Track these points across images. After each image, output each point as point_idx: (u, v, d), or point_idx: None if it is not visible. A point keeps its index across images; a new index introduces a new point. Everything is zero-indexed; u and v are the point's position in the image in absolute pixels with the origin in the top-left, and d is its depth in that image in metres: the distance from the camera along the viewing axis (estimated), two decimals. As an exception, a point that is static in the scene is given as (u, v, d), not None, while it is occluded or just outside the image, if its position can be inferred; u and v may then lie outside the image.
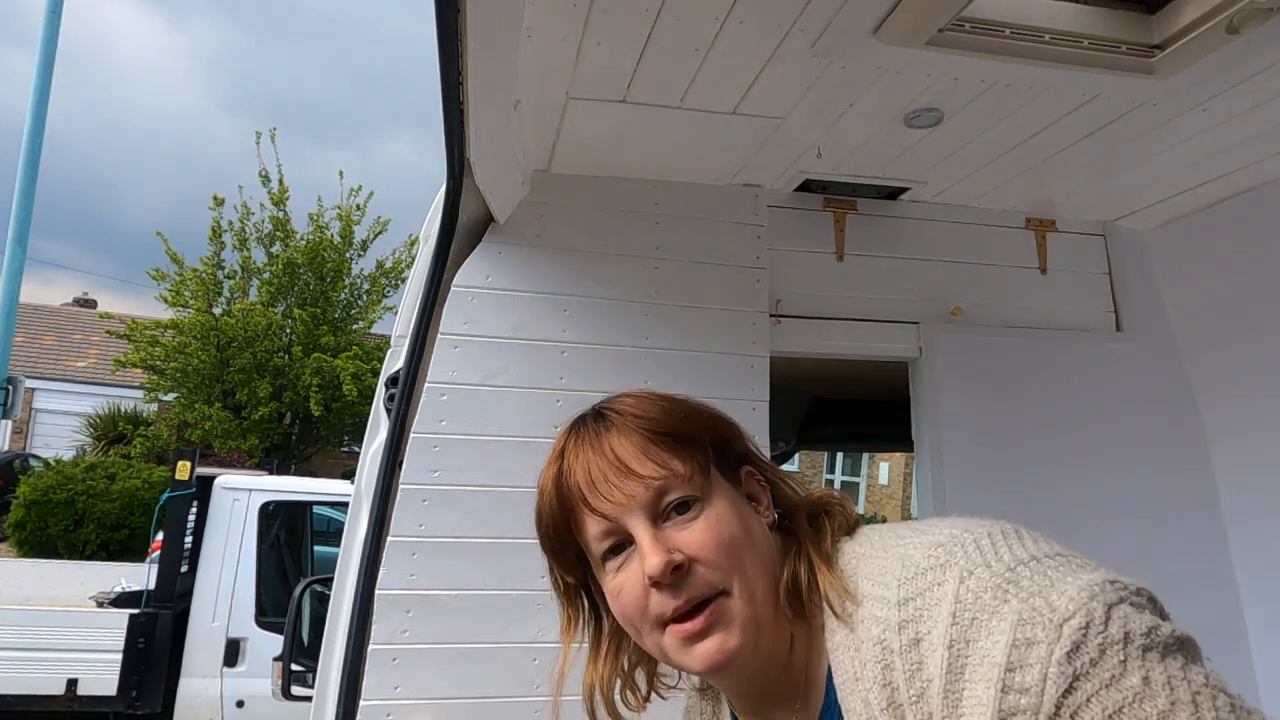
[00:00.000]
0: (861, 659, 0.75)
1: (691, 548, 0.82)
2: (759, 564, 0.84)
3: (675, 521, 0.83)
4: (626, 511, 0.83)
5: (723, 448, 0.91)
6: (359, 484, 1.89)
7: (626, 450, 0.85)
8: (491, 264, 1.92)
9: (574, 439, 0.90)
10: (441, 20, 1.20)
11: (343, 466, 15.48)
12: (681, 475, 0.84)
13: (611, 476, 0.84)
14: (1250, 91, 1.62)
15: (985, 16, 1.45)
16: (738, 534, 0.84)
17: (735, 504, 0.87)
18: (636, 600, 0.83)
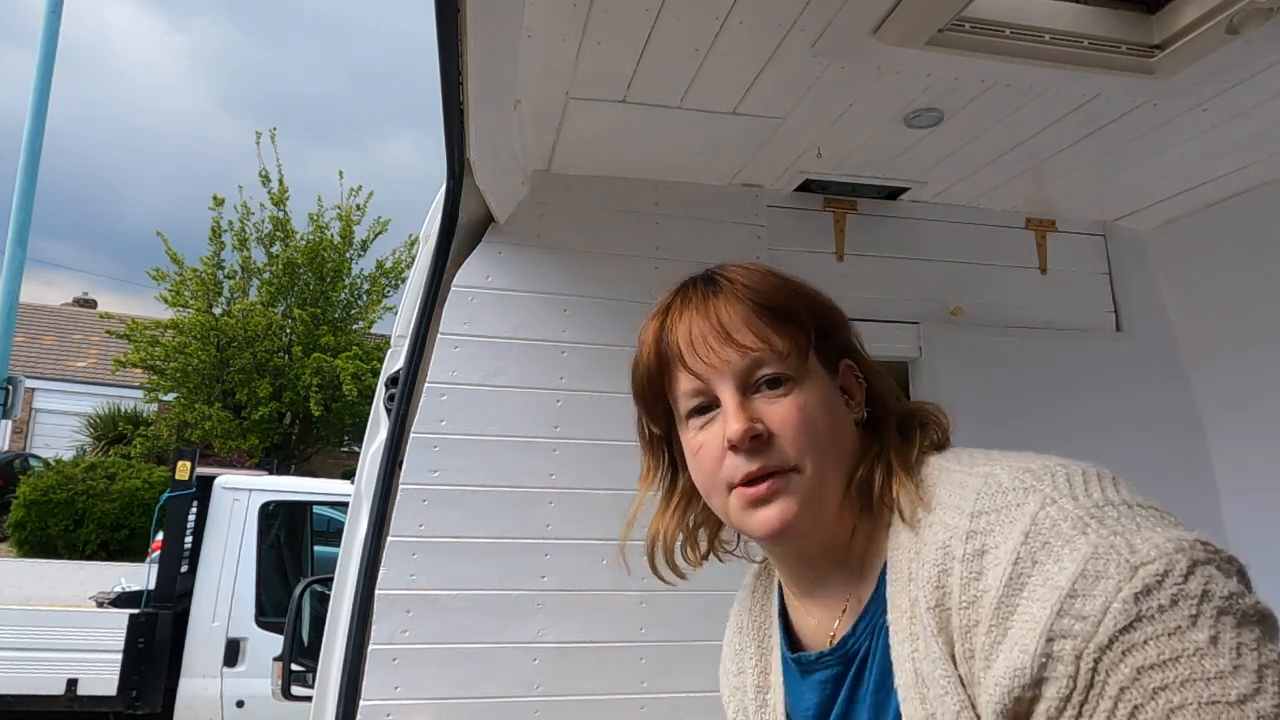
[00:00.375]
0: (920, 560, 0.76)
1: (774, 422, 0.84)
2: (836, 453, 0.85)
3: (764, 394, 0.85)
4: (719, 375, 0.85)
5: (826, 335, 0.91)
6: (359, 484, 1.89)
7: (730, 317, 0.87)
8: (491, 264, 1.92)
9: (680, 298, 0.92)
10: (441, 20, 1.20)
11: (343, 466, 15.48)
12: (779, 351, 0.85)
13: (711, 339, 0.86)
14: (1250, 91, 1.62)
15: (985, 16, 1.45)
16: (821, 420, 0.85)
17: (825, 392, 0.87)
18: (713, 461, 0.86)
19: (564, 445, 1.88)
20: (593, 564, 1.83)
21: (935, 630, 0.72)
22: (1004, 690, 0.65)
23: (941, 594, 0.73)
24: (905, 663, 0.76)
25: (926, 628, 0.73)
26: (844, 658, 0.86)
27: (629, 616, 1.85)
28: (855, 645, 0.85)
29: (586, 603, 1.84)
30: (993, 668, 0.67)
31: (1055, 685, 0.63)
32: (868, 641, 0.83)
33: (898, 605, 0.79)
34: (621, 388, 2.14)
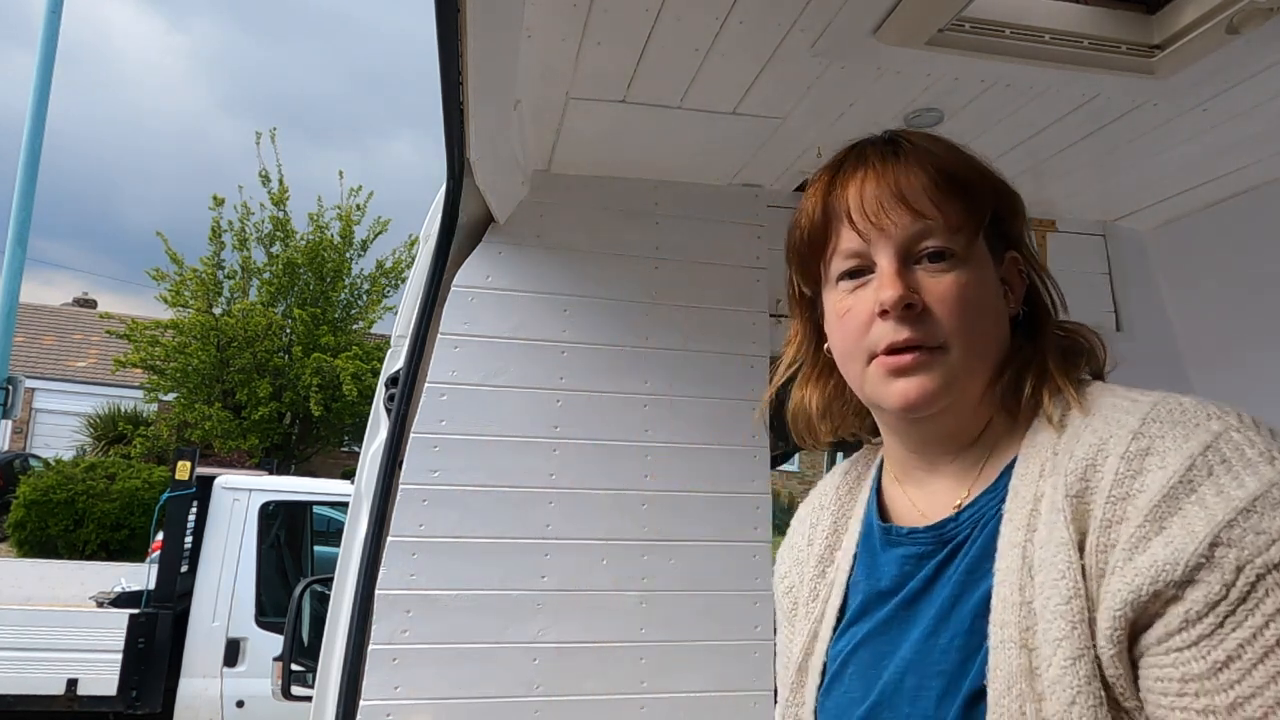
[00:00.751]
0: (1064, 455, 0.74)
1: (931, 296, 0.80)
2: (987, 342, 0.82)
3: (926, 267, 0.81)
4: (883, 239, 0.82)
5: (1000, 220, 0.87)
6: (359, 484, 1.89)
7: (907, 181, 0.83)
8: (491, 264, 1.92)
9: (854, 156, 0.87)
10: (441, 20, 1.20)
11: (343, 466, 15.48)
12: (951, 224, 0.82)
13: (884, 200, 0.82)
14: (1250, 91, 1.62)
15: (985, 16, 1.45)
16: (978, 304, 0.81)
17: (987, 278, 0.84)
18: (859, 326, 0.83)
19: (564, 445, 1.88)
20: (593, 564, 1.84)
21: (1069, 518, 0.70)
22: (1142, 583, 0.64)
23: (1085, 486, 0.71)
24: (1013, 549, 0.73)
25: (1059, 515, 0.71)
26: (939, 538, 0.83)
27: (629, 616, 1.85)
28: (955, 530, 0.82)
29: (586, 603, 1.84)
30: (1135, 560, 0.65)
31: (1203, 589, 0.62)
32: (969, 530, 0.80)
33: (1020, 495, 0.76)
34: (622, 387, 2.15)
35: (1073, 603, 0.68)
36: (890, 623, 0.84)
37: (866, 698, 0.82)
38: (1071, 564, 0.69)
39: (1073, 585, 0.68)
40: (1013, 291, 0.88)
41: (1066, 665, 0.67)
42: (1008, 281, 0.87)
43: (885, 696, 0.80)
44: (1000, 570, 0.74)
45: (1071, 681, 0.66)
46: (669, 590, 1.88)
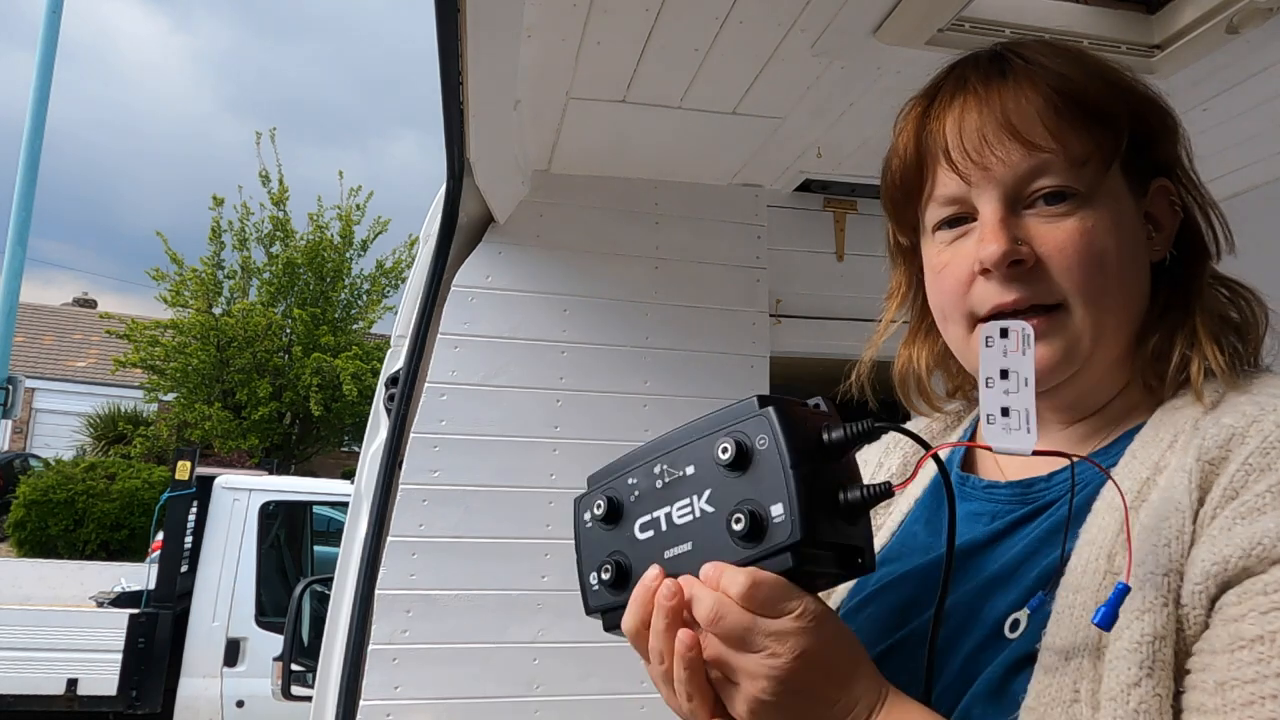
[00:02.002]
0: (1200, 428, 0.63)
1: (1047, 245, 0.67)
2: (1120, 298, 0.69)
3: (1040, 211, 0.68)
4: (987, 180, 0.68)
5: (1144, 144, 0.71)
6: (359, 484, 1.89)
7: (1020, 107, 0.68)
8: (491, 264, 1.92)
9: (954, 79, 0.73)
10: (441, 20, 1.20)
11: (343, 466, 15.48)
12: (1075, 157, 0.67)
13: (990, 132, 0.68)
14: (1250, 91, 1.62)
15: (985, 16, 1.45)
16: (1109, 252, 0.67)
17: (1123, 218, 0.69)
18: (957, 284, 0.71)
19: (564, 445, 1.88)
20: (593, 564, 1.83)
21: (1194, 482, 0.60)
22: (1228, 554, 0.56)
23: (1224, 454, 0.60)
24: (1110, 513, 0.63)
25: (1184, 477, 0.61)
26: (1022, 497, 0.72)
27: (629, 616, 1.85)
28: (1044, 490, 0.71)
29: (586, 603, 1.84)
30: (1233, 531, 0.57)
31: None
32: (1061, 493, 0.69)
33: (1138, 460, 0.65)
34: (622, 387, 2.15)
35: (1170, 576, 0.58)
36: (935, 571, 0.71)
37: (883, 640, 0.72)
38: (1182, 533, 0.59)
39: (1177, 556, 0.58)
40: (1160, 230, 0.73)
41: (1140, 641, 0.56)
42: (1154, 218, 0.73)
43: (910, 643, 0.70)
44: (1089, 531, 0.63)
45: (1141, 660, 0.56)
46: (669, 590, 1.87)
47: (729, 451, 0.59)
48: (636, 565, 0.63)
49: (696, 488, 0.61)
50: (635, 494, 0.64)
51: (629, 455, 0.66)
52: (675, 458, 0.62)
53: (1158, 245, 0.73)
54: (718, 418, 0.62)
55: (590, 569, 0.65)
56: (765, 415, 0.59)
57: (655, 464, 0.63)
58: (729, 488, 0.59)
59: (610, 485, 0.66)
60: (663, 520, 0.62)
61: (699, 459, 0.61)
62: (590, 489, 0.67)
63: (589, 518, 0.66)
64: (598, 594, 0.65)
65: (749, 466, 0.58)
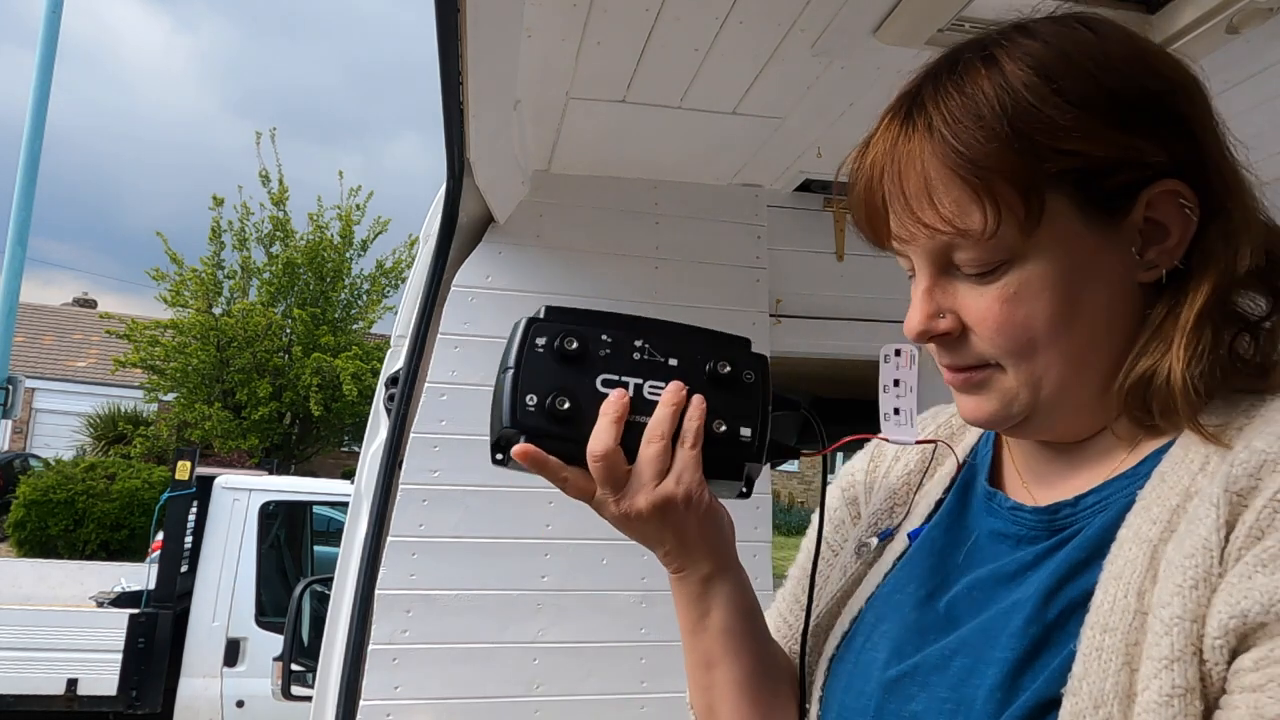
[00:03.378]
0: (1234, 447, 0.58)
1: (971, 315, 0.65)
2: (1068, 351, 0.64)
3: (969, 276, 0.64)
4: (913, 250, 0.66)
5: (1112, 171, 0.62)
6: (359, 484, 1.89)
7: (916, 178, 0.63)
8: (491, 264, 1.92)
9: (886, 124, 0.69)
10: (441, 20, 1.20)
11: (343, 466, 15.48)
12: (974, 234, 0.61)
13: (897, 208, 0.65)
14: (1250, 91, 1.62)
15: (985, 16, 1.44)
16: (1040, 314, 0.62)
17: (1071, 259, 0.62)
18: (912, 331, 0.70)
19: (564, 445, 1.88)
20: (593, 564, 1.83)
21: (1222, 519, 0.55)
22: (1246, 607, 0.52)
23: (1255, 484, 0.55)
24: (1140, 544, 0.58)
25: (1212, 510, 0.56)
26: (1049, 526, 0.67)
27: (629, 616, 1.85)
28: (1071, 518, 0.66)
29: (586, 603, 1.84)
30: (1255, 580, 0.52)
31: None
32: (1089, 519, 0.64)
33: (1166, 484, 0.60)
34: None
35: (1197, 623, 0.53)
36: (956, 594, 0.70)
37: (895, 663, 0.70)
38: (1210, 574, 0.54)
39: (1205, 598, 0.54)
40: (1160, 242, 0.64)
41: (1171, 695, 0.52)
42: (1160, 225, 0.63)
43: (922, 671, 0.67)
44: (1115, 564, 0.58)
45: (1174, 715, 0.52)
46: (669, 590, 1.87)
47: (726, 370, 0.70)
48: (588, 413, 0.68)
49: (676, 378, 0.69)
50: (607, 351, 0.69)
51: (598, 312, 0.70)
52: (661, 344, 0.70)
53: (1155, 259, 0.64)
54: (712, 336, 0.71)
55: (533, 390, 0.67)
56: (762, 360, 0.72)
57: (635, 337, 0.69)
58: (708, 394, 0.69)
59: (578, 330, 0.68)
60: (630, 388, 0.69)
61: (688, 358, 0.70)
62: (550, 318, 0.69)
63: (543, 343, 0.68)
64: (532, 414, 0.67)
65: (733, 388, 0.70)
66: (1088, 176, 0.61)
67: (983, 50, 0.65)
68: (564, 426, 0.67)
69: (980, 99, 0.62)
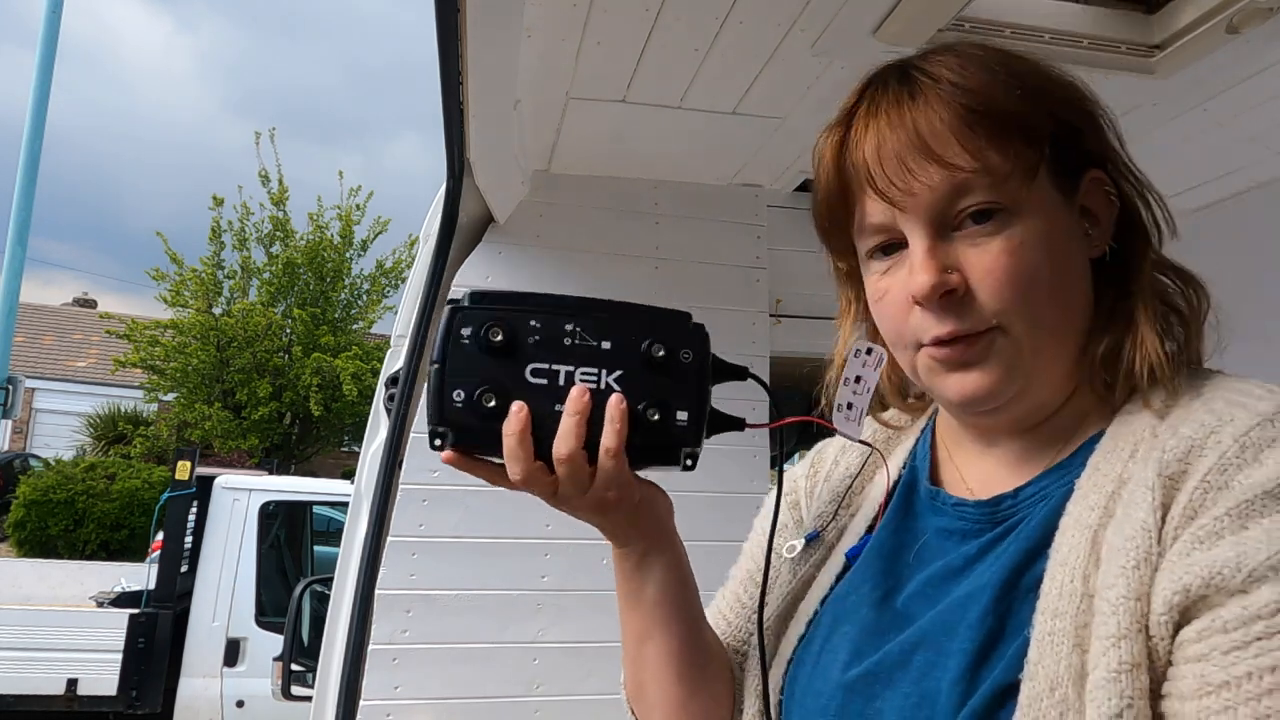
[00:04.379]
0: (1163, 434, 0.63)
1: (976, 271, 0.66)
2: (1059, 308, 0.68)
3: (968, 232, 0.67)
4: (912, 209, 0.67)
5: (1068, 139, 0.69)
6: (359, 484, 1.89)
7: (934, 128, 0.66)
8: (491, 264, 1.92)
9: (867, 103, 0.71)
10: (441, 20, 1.20)
11: (343, 466, 15.48)
12: (996, 173, 0.65)
13: (908, 157, 0.66)
14: (1250, 91, 1.62)
15: (985, 16, 1.45)
16: (1041, 266, 0.66)
17: (1055, 223, 0.67)
18: (897, 312, 0.70)
19: (564, 445, 1.88)
20: (593, 564, 1.83)
21: (1157, 501, 0.59)
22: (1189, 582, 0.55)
23: (1184, 468, 0.60)
24: (1081, 530, 0.62)
25: (1147, 494, 0.60)
26: (991, 518, 0.71)
27: (629, 616, 1.85)
28: (1012, 509, 0.70)
29: (586, 603, 1.84)
30: (1192, 556, 0.56)
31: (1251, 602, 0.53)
32: (1030, 510, 0.68)
33: (1100, 473, 0.64)
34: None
35: (1141, 601, 0.57)
36: (910, 592, 0.72)
37: (856, 664, 0.71)
38: (1149, 554, 0.58)
39: (1148, 578, 0.57)
40: (1097, 224, 0.71)
41: (1119, 671, 0.56)
42: (1090, 212, 0.71)
43: (884, 669, 0.69)
44: (1060, 551, 0.62)
45: (1122, 690, 0.55)
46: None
47: (661, 353, 0.66)
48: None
49: (609, 363, 0.66)
50: (536, 338, 0.65)
51: (526, 295, 0.66)
52: (593, 327, 0.66)
53: (1096, 240, 0.71)
54: (649, 314, 0.68)
55: (459, 385, 0.64)
56: (700, 333, 0.68)
57: (565, 321, 0.66)
58: (641, 378, 0.66)
59: (507, 317, 0.65)
60: (561, 376, 0.65)
61: (621, 341, 0.66)
62: (474, 305, 0.65)
63: (469, 334, 0.65)
64: (459, 412, 0.64)
65: (669, 370, 0.66)
66: (1060, 143, 0.68)
67: (944, 48, 0.72)
68: (491, 422, 0.64)
69: (978, 59, 0.69)
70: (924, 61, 0.70)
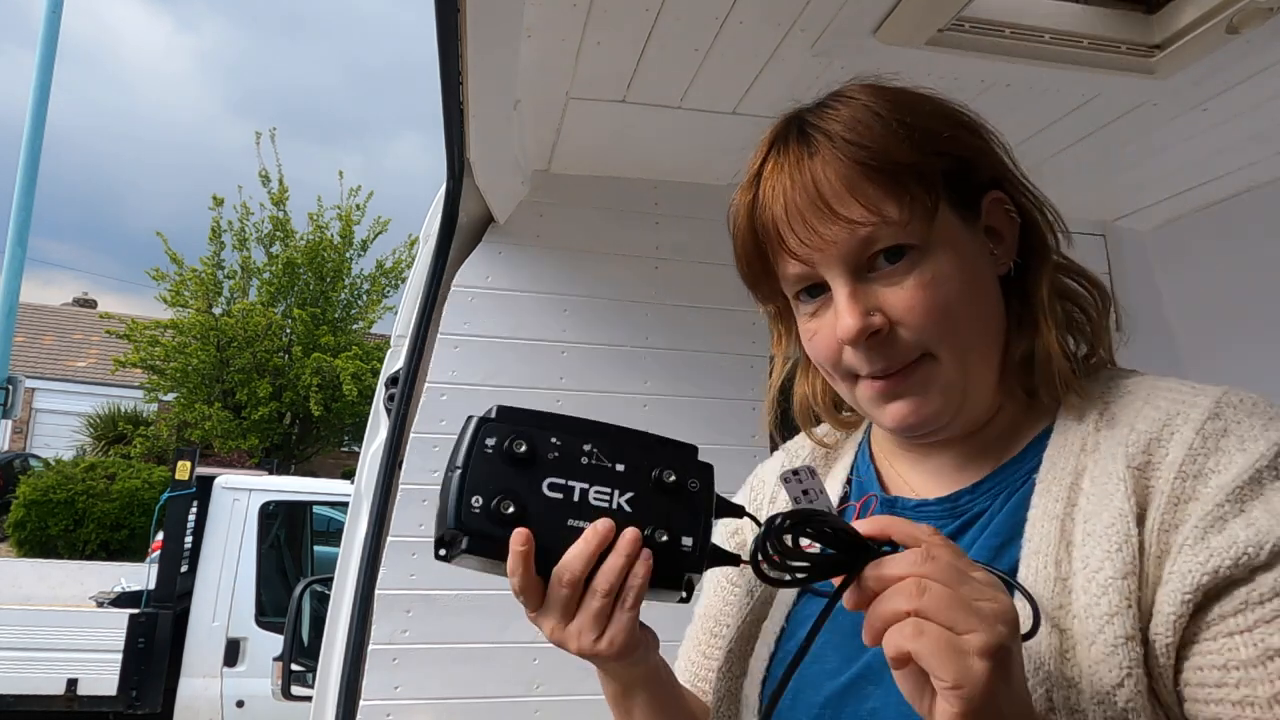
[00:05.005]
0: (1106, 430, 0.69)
1: (897, 309, 0.70)
2: (978, 328, 0.72)
3: (883, 273, 0.71)
4: (825, 259, 0.71)
5: (964, 172, 0.74)
6: (359, 484, 1.89)
7: (831, 184, 0.70)
8: (491, 264, 1.92)
9: (772, 160, 0.75)
10: (441, 20, 1.20)
11: (343, 466, 15.48)
12: (896, 222, 0.69)
13: (812, 217, 0.70)
14: (1250, 91, 1.62)
15: (985, 16, 1.45)
16: (955, 294, 0.70)
17: (962, 251, 0.72)
18: (829, 351, 0.74)
19: (564, 445, 1.88)
20: (593, 564, 1.83)
21: (1130, 490, 0.64)
22: (1220, 564, 0.59)
23: (1148, 460, 0.65)
24: (1049, 520, 0.67)
25: (1120, 485, 0.65)
26: (953, 512, 0.75)
27: (629, 616, 1.85)
28: (970, 503, 0.74)
29: (586, 603, 1.83)
30: (1210, 541, 0.60)
31: (1275, 574, 0.59)
32: (989, 503, 0.73)
33: (1057, 467, 0.70)
34: (622, 387, 2.14)
35: (1128, 579, 0.62)
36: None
37: (846, 669, 0.74)
38: (1130, 538, 0.63)
39: (1130, 560, 0.62)
40: (1002, 241, 0.76)
41: (1116, 644, 0.60)
42: (995, 231, 0.76)
43: (872, 670, 0.72)
44: (1031, 541, 0.67)
45: (1121, 662, 0.60)
46: (669, 590, 1.87)
47: (671, 479, 0.69)
48: (533, 516, 0.68)
49: (621, 485, 0.69)
50: (555, 454, 0.69)
51: (548, 414, 0.70)
52: (609, 449, 0.69)
53: (1002, 257, 0.76)
54: (660, 443, 0.71)
55: (478, 492, 0.67)
56: (707, 468, 0.72)
57: (585, 441, 0.69)
58: (652, 502, 0.69)
59: (529, 432, 0.68)
60: (576, 492, 0.68)
61: (634, 465, 0.70)
62: (501, 419, 0.69)
63: (492, 445, 0.68)
64: (476, 516, 0.67)
65: (677, 497, 0.69)
66: (955, 176, 0.73)
67: (835, 95, 0.78)
68: (507, 529, 0.68)
69: (868, 110, 0.73)
70: (819, 116, 0.75)
